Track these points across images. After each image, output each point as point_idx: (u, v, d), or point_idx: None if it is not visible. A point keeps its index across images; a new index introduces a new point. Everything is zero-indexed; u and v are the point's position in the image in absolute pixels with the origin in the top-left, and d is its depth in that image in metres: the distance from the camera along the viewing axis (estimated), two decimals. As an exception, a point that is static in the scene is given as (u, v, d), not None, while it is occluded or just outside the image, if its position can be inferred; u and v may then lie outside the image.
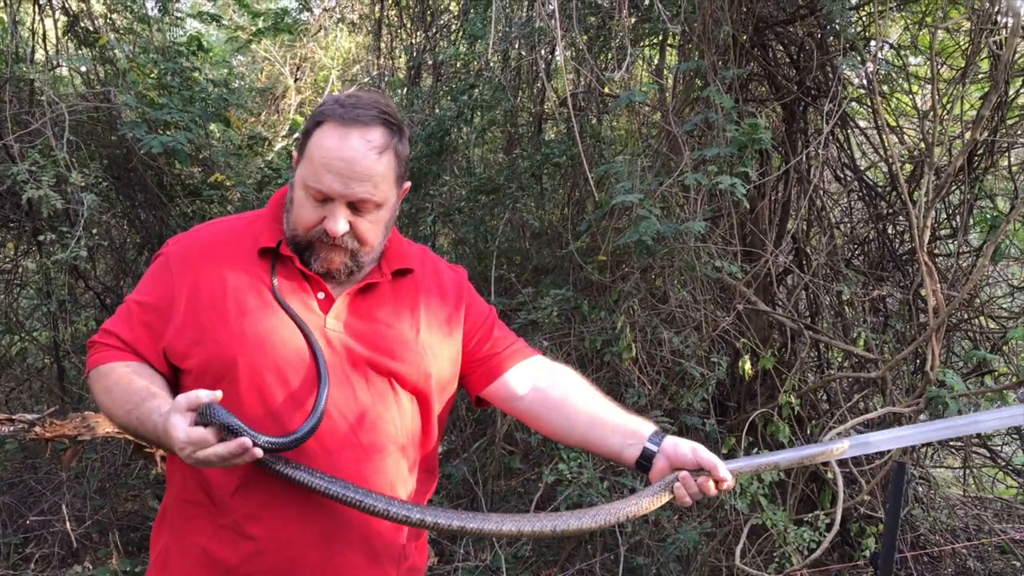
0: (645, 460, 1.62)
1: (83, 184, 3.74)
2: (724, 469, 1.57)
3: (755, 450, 3.91)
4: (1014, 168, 4.07)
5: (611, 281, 4.09)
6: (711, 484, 1.57)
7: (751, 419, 3.93)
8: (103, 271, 5.27)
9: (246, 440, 1.37)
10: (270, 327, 1.53)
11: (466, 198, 5.13)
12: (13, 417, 3.14)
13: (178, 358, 1.55)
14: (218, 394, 1.40)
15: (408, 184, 1.64)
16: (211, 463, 1.39)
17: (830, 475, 4.03)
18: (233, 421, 1.38)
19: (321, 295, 1.59)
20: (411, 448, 1.61)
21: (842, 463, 3.85)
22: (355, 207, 1.54)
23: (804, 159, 4.29)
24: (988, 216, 3.92)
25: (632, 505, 1.57)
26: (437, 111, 5.34)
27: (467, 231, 5.01)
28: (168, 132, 4.18)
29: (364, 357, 1.56)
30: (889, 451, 3.78)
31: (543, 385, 1.73)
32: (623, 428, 1.67)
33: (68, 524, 3.72)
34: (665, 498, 1.58)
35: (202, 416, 1.39)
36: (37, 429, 3.18)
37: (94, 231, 4.63)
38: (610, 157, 4.47)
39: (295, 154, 1.62)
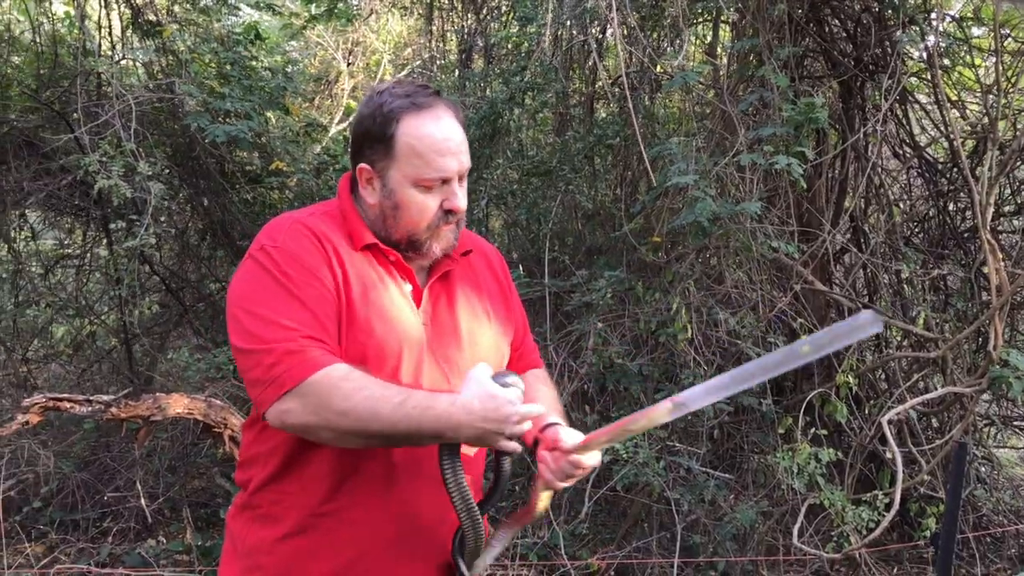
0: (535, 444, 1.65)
1: (150, 173, 3.86)
2: (568, 443, 1.54)
3: (812, 431, 3.89)
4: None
5: (665, 262, 4.09)
6: (563, 462, 1.55)
7: (808, 399, 3.91)
8: (167, 256, 5.43)
9: (541, 407, 1.52)
10: (387, 321, 1.54)
11: (518, 180, 5.15)
12: (91, 399, 3.29)
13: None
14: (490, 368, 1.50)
15: None
16: (520, 429, 1.44)
17: (889, 455, 4.00)
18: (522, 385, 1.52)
19: (409, 287, 1.61)
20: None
21: (901, 443, 3.82)
22: (459, 179, 1.59)
23: (862, 136, 4.23)
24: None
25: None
26: (489, 94, 5.36)
27: (520, 213, 5.04)
28: (229, 120, 4.28)
29: (443, 352, 1.60)
30: (951, 432, 3.74)
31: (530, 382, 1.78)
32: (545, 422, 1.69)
33: (143, 500, 3.87)
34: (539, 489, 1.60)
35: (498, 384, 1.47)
36: (113, 410, 3.32)
37: (161, 219, 4.77)
38: (663, 137, 4.46)
39: (367, 167, 1.57)
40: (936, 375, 4.20)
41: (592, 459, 1.55)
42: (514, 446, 1.49)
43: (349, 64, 8.06)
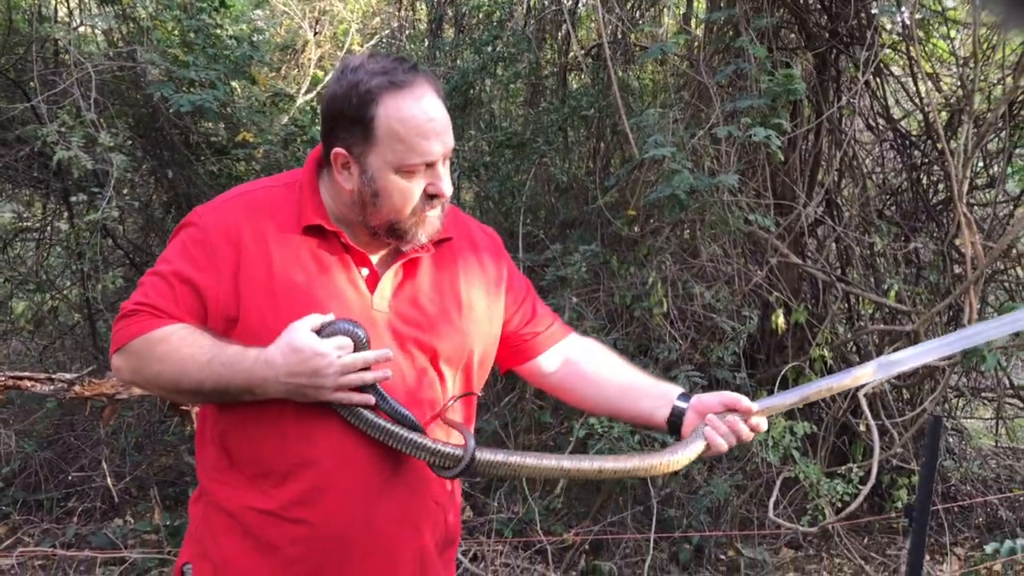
0: (675, 418, 1.64)
1: (112, 145, 3.73)
2: (747, 400, 1.58)
3: (786, 403, 3.89)
4: (1055, 115, 3.97)
5: (640, 236, 4.06)
6: (740, 424, 1.58)
7: (783, 373, 3.92)
8: (131, 230, 5.30)
9: (388, 351, 1.44)
10: (318, 309, 1.46)
11: (491, 153, 5.08)
12: (53, 377, 3.19)
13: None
14: (331, 316, 1.43)
15: None
16: (350, 381, 1.41)
17: (863, 427, 4.03)
18: (363, 331, 1.42)
19: (365, 271, 1.54)
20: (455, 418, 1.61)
21: (875, 414, 3.84)
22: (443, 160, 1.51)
23: (836, 109, 4.21)
24: (1027, 165, 3.84)
25: (667, 455, 1.57)
26: (460, 64, 5.27)
27: (492, 186, 4.97)
28: (194, 90, 4.15)
29: (410, 337, 1.53)
30: (923, 404, 3.77)
31: (574, 358, 1.75)
32: (652, 392, 1.69)
33: (108, 479, 3.79)
34: (699, 446, 1.58)
35: (325, 334, 1.41)
36: (76, 388, 3.23)
37: (124, 191, 4.64)
38: (638, 109, 4.40)
39: (342, 152, 1.47)
40: (907, 347, 4.21)
41: (764, 424, 1.60)
42: (362, 399, 1.44)
43: (316, 33, 7.88)
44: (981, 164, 4.29)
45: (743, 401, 1.59)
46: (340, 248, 1.52)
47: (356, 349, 1.43)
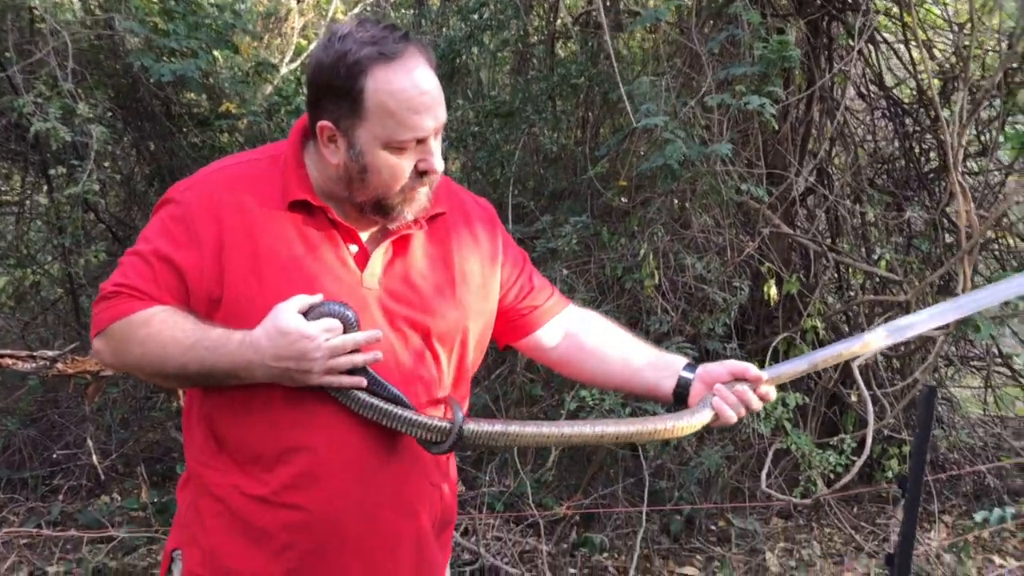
0: (681, 389, 1.61)
1: (91, 116, 3.64)
2: (755, 369, 1.55)
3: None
4: (1049, 82, 3.93)
5: (631, 207, 4.01)
6: (750, 394, 1.55)
7: (774, 344, 3.90)
8: (113, 203, 5.20)
9: (378, 332, 1.40)
10: (306, 287, 1.41)
11: (478, 122, 5.00)
12: (35, 354, 3.13)
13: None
14: (318, 297, 1.39)
15: None
16: (339, 364, 1.37)
17: (854, 398, 4.02)
18: (352, 312, 1.38)
19: (355, 248, 1.48)
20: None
21: (866, 385, 3.83)
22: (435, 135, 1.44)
23: (828, 77, 4.16)
24: (1020, 132, 3.80)
25: (671, 420, 1.54)
26: (446, 32, 5.17)
27: (480, 157, 4.90)
28: (175, 60, 4.06)
29: (402, 315, 1.48)
30: (914, 374, 3.77)
31: (575, 331, 1.70)
32: (657, 363, 1.66)
33: (94, 457, 3.74)
34: (706, 415, 1.55)
35: (313, 316, 1.37)
36: (59, 365, 3.17)
37: (104, 164, 4.54)
38: (629, 77, 4.34)
39: (329, 125, 1.41)
40: (899, 317, 4.21)
41: (773, 392, 1.57)
42: (353, 381, 1.39)
43: (299, 1, 7.74)
44: (973, 132, 4.25)
45: (752, 370, 1.56)
46: (327, 224, 1.47)
47: (345, 331, 1.38)
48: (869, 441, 3.01)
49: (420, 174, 1.44)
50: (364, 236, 1.50)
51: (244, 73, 4.88)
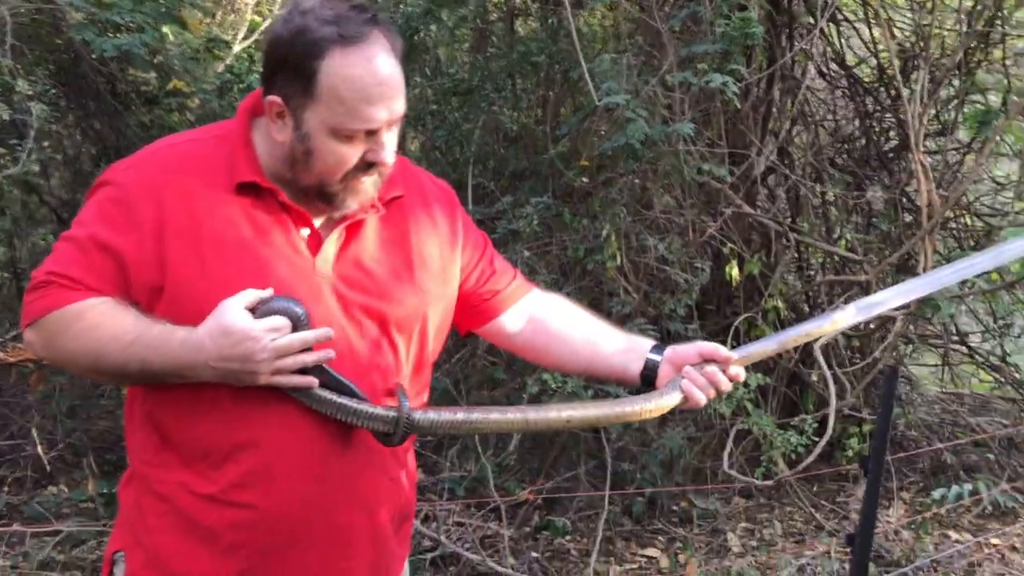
0: (649, 371, 1.57)
1: (31, 93, 3.50)
2: (725, 349, 1.52)
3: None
4: (1007, 61, 3.94)
5: (593, 187, 3.96)
6: (719, 375, 1.51)
7: (735, 324, 3.89)
8: (58, 185, 5.03)
9: (329, 330, 1.32)
10: (255, 274, 1.34)
11: (437, 101, 4.91)
12: (-27, 343, 3.01)
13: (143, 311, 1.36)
14: (268, 292, 1.31)
15: None
16: (286, 365, 1.29)
17: (815, 377, 4.03)
18: (302, 309, 1.31)
19: (307, 232, 1.40)
20: (407, 389, 1.50)
21: (828, 365, 3.84)
22: (389, 126, 1.36)
23: (789, 56, 4.13)
24: (978, 111, 3.82)
25: (639, 403, 1.50)
26: (403, 8, 5.06)
27: (439, 136, 4.81)
28: (119, 35, 3.91)
29: (357, 302, 1.40)
30: (874, 353, 3.78)
31: (539, 316, 1.65)
32: (624, 346, 1.62)
33: (39, 447, 3.62)
34: (675, 397, 1.51)
35: (260, 314, 1.29)
36: (0, 354, 3.06)
37: (45, 143, 4.38)
38: (590, 55, 4.27)
39: (278, 101, 1.33)
40: (859, 297, 4.22)
41: (743, 373, 1.55)
42: (303, 381, 1.32)
43: (252, -24, 7.55)
44: (933, 111, 4.26)
45: (721, 350, 1.52)
46: (278, 207, 1.39)
47: (295, 329, 1.31)
48: (831, 421, 3.01)
49: (367, 165, 1.36)
50: (317, 221, 1.42)
51: (194, 50, 4.73)
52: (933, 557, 3.59)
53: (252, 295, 1.30)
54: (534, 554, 3.62)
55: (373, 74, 1.30)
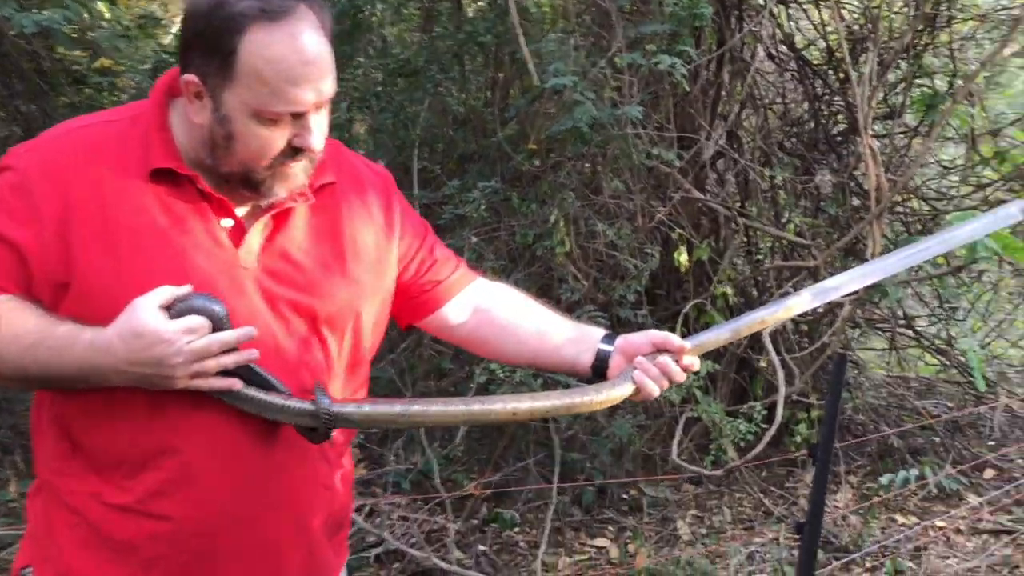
0: (600, 362, 1.49)
1: (-55, 71, 3.30)
2: (677, 339, 1.45)
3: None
4: (953, 45, 3.94)
5: (541, 171, 3.88)
6: (672, 366, 1.44)
7: (684, 310, 3.85)
8: (-17, 169, 4.81)
9: (252, 329, 1.22)
10: (172, 268, 1.24)
11: (383, 82, 4.78)
12: None
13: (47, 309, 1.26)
14: (185, 289, 1.20)
15: None
16: (205, 368, 1.20)
17: (764, 363, 4.01)
18: (221, 307, 1.20)
19: (229, 222, 1.30)
20: (340, 388, 1.40)
21: (776, 350, 3.82)
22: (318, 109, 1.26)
23: (739, 37, 4.09)
24: (926, 95, 3.81)
25: (590, 394, 1.43)
26: (347, -15, 4.91)
27: (385, 118, 4.68)
28: (43, 10, 3.71)
29: (285, 298, 1.31)
30: (823, 338, 3.77)
31: (485, 306, 1.56)
32: (574, 336, 1.54)
33: (-38, 446, 3.45)
34: (627, 388, 1.44)
35: (176, 313, 1.19)
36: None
37: (-35, 124, 4.17)
38: (537, 36, 4.18)
39: (194, 80, 1.22)
40: (808, 282, 4.21)
41: (697, 363, 1.47)
42: (224, 384, 1.23)
43: (190, -49, 7.31)
44: (881, 95, 4.25)
45: (674, 340, 1.44)
46: (197, 195, 1.28)
47: (215, 329, 1.20)
48: (780, 408, 2.98)
49: (294, 150, 1.26)
50: (241, 210, 1.31)
51: (125, 27, 4.54)
52: (881, 542, 3.59)
53: (167, 292, 1.19)
54: (482, 547, 3.55)
55: (299, 52, 1.20)
